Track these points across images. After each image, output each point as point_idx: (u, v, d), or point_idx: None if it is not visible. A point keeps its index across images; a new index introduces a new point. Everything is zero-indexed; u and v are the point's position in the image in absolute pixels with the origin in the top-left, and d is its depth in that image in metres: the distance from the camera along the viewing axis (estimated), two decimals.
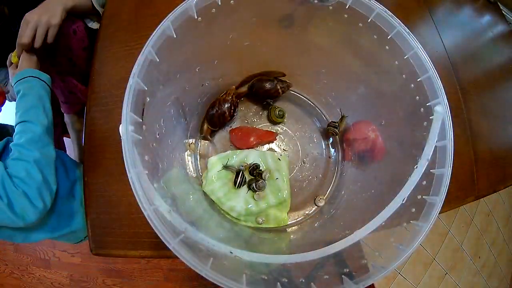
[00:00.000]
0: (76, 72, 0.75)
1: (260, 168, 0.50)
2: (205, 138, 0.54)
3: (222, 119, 0.53)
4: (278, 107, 0.55)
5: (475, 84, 0.71)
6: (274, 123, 0.56)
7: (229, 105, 0.52)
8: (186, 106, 0.50)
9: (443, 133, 0.33)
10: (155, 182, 0.31)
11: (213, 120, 0.53)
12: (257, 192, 0.47)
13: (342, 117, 0.53)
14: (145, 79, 0.32)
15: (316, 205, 0.52)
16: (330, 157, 0.56)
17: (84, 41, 0.69)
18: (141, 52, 0.32)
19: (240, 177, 0.47)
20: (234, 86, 0.55)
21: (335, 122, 0.52)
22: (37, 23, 0.54)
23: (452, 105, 0.64)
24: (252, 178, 0.50)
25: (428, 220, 0.31)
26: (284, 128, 0.57)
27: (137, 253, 0.47)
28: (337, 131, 0.52)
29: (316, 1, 0.39)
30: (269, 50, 0.50)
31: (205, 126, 0.54)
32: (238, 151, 0.53)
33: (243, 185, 0.48)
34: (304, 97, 0.59)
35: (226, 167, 0.49)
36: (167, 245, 0.27)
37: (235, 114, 0.54)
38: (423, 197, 0.32)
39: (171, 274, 1.16)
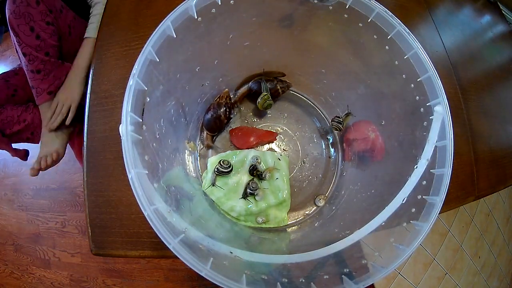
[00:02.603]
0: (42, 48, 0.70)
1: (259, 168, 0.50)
2: (208, 147, 0.54)
3: (219, 123, 0.53)
4: (268, 101, 0.52)
5: (475, 84, 0.71)
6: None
7: (224, 108, 0.52)
8: (186, 106, 0.50)
9: (443, 133, 0.33)
10: (155, 182, 0.31)
11: (210, 124, 0.53)
12: (255, 192, 0.47)
13: (348, 114, 0.52)
14: (145, 79, 0.32)
15: (316, 205, 0.52)
16: (330, 157, 0.56)
17: (48, 15, 0.67)
18: (141, 52, 0.32)
19: (220, 167, 0.47)
20: (227, 89, 0.55)
21: (339, 118, 0.52)
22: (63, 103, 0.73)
23: (452, 105, 0.64)
24: (251, 178, 0.50)
25: (428, 220, 0.31)
26: (284, 128, 0.57)
27: (137, 253, 0.47)
28: (341, 127, 0.51)
29: (316, 1, 0.39)
30: (269, 50, 0.50)
31: (205, 133, 0.54)
32: (238, 151, 0.53)
33: (231, 171, 0.48)
34: (304, 97, 0.59)
35: (214, 184, 0.49)
36: (167, 245, 0.27)
37: (231, 116, 0.54)
38: (423, 197, 0.32)
39: (171, 274, 1.16)
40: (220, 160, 0.48)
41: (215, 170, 0.48)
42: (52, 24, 0.68)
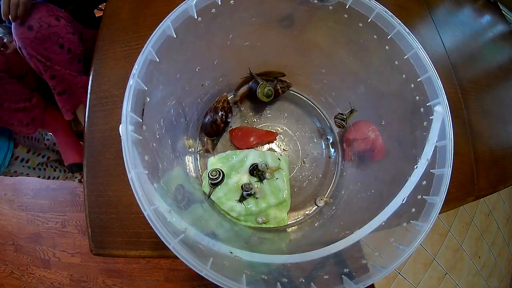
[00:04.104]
0: (75, 60, 0.72)
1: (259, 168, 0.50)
2: (207, 151, 0.54)
3: (216, 127, 0.52)
4: (267, 87, 0.52)
5: (475, 84, 0.71)
6: (261, 101, 0.54)
7: (221, 113, 0.52)
8: (186, 106, 0.50)
9: (443, 133, 0.33)
10: (155, 182, 0.31)
11: (207, 129, 0.53)
12: (251, 192, 0.47)
13: (352, 111, 0.51)
14: (145, 79, 0.32)
15: (316, 205, 0.52)
16: (330, 157, 0.56)
17: (69, 25, 0.68)
18: (141, 52, 0.32)
19: (211, 180, 0.47)
20: (225, 94, 0.55)
21: (342, 115, 0.51)
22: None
23: (452, 105, 0.64)
24: (249, 183, 0.49)
25: (428, 220, 0.31)
26: (284, 128, 0.57)
27: (137, 253, 0.47)
28: (344, 124, 0.51)
29: (316, 1, 0.39)
30: (269, 50, 0.50)
31: (205, 138, 0.54)
32: (238, 151, 0.53)
33: (222, 179, 0.48)
34: (304, 97, 0.59)
35: (209, 196, 0.48)
36: (167, 245, 0.27)
37: (228, 120, 0.54)
38: (423, 197, 0.32)
39: (171, 274, 1.16)
40: (208, 172, 0.48)
41: (209, 183, 0.48)
42: (74, 32, 0.68)
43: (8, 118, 0.72)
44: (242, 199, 0.47)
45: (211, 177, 0.47)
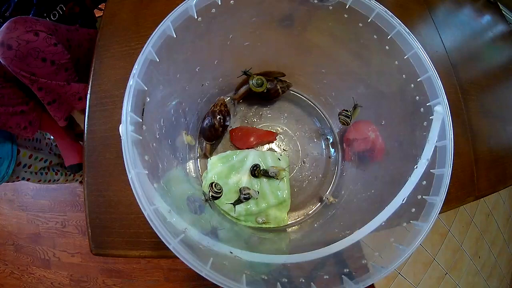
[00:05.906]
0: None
1: (260, 168, 0.50)
2: (205, 156, 0.54)
3: (214, 131, 0.52)
4: (256, 76, 0.52)
5: (475, 84, 0.71)
6: (255, 93, 0.53)
7: (219, 116, 0.52)
8: (186, 106, 0.50)
9: (443, 133, 0.33)
10: (155, 182, 0.31)
11: (206, 133, 0.53)
12: (248, 196, 0.47)
13: (356, 106, 0.50)
14: (145, 79, 0.32)
15: (326, 200, 0.51)
16: (330, 157, 0.56)
17: (50, 37, 0.66)
18: (141, 52, 0.32)
19: (214, 193, 0.46)
20: (222, 97, 0.55)
21: (347, 111, 0.50)
22: None
23: (452, 105, 0.64)
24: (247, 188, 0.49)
25: (428, 220, 0.31)
26: (284, 128, 0.57)
27: (137, 253, 0.47)
28: (349, 121, 0.50)
29: (316, 1, 0.39)
30: (269, 50, 0.50)
31: (204, 143, 0.54)
32: (238, 151, 0.53)
33: (219, 195, 0.47)
34: (304, 97, 0.59)
35: (207, 200, 0.47)
36: (167, 245, 0.27)
37: (227, 123, 0.54)
38: (423, 197, 0.32)
39: (171, 274, 1.16)
40: (213, 184, 0.46)
41: (210, 195, 0.46)
42: (58, 42, 0.67)
43: (5, 122, 0.71)
44: (238, 202, 0.47)
45: (216, 190, 0.46)
